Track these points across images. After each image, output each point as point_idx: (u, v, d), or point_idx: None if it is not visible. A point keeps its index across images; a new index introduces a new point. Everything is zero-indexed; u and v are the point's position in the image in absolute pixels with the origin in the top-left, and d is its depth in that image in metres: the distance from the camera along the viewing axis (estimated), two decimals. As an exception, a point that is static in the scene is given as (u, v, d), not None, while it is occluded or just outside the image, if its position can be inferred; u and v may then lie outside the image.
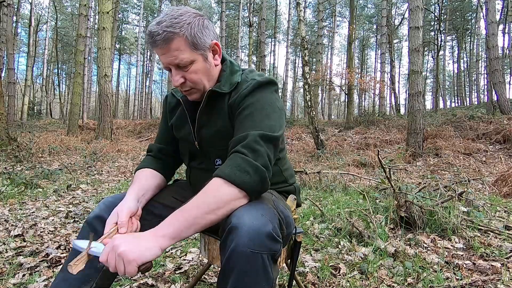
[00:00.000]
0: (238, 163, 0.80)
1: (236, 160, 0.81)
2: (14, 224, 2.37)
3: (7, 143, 5.95)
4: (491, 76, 9.54)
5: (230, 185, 0.78)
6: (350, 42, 14.71)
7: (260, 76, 0.99)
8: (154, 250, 0.72)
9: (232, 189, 0.78)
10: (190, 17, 0.90)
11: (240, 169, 0.79)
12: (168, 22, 0.87)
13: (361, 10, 28.20)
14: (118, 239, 0.72)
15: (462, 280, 1.52)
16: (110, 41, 9.49)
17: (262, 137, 0.85)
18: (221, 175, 0.79)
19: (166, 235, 0.73)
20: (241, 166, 0.80)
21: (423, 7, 7.23)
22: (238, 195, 0.78)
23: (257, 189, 0.81)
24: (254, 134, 0.85)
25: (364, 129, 10.64)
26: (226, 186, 0.78)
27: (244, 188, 0.78)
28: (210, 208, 0.76)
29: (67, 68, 31.15)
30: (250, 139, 0.84)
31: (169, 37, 0.87)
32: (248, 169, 0.80)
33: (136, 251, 0.70)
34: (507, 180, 3.87)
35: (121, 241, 0.72)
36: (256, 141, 0.84)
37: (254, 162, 0.81)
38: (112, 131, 9.69)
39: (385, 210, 2.56)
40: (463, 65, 28.24)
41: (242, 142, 0.85)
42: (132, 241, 0.72)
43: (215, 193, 0.78)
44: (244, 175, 0.79)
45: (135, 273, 0.70)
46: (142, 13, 25.93)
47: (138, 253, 0.70)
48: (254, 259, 0.69)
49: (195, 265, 1.78)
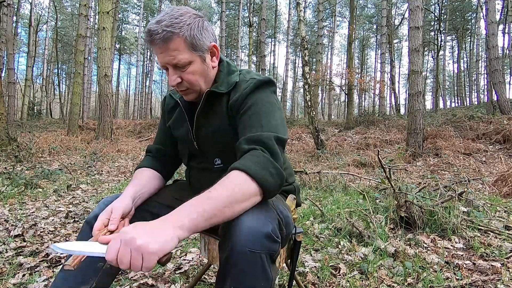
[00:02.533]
0: (263, 162, 0.79)
1: (259, 158, 0.80)
2: (14, 224, 2.37)
3: (7, 143, 5.95)
4: (491, 76, 9.54)
5: (253, 181, 0.75)
6: (350, 42, 14.70)
7: (258, 75, 1.00)
8: (174, 241, 0.66)
9: (254, 186, 0.75)
10: (190, 18, 0.90)
11: (264, 168, 0.77)
12: (168, 22, 0.86)
13: (361, 10, 28.21)
14: (131, 231, 0.65)
15: (462, 280, 1.52)
16: (110, 41, 9.49)
17: (276, 139, 0.85)
18: (245, 170, 0.75)
19: (184, 226, 0.67)
20: (266, 166, 0.78)
21: (423, 7, 7.24)
22: (257, 193, 0.76)
23: (275, 191, 0.80)
24: (268, 136, 0.84)
25: (364, 129, 10.65)
26: (250, 182, 0.75)
27: (265, 188, 0.76)
28: (231, 201, 0.71)
29: (67, 68, 31.15)
30: (266, 140, 0.83)
31: (168, 37, 0.87)
32: (272, 170, 0.79)
33: (158, 242, 0.63)
34: (507, 180, 3.87)
35: (137, 232, 0.64)
36: (272, 143, 0.84)
37: (276, 163, 0.80)
38: (112, 131, 9.69)
39: (385, 210, 2.56)
40: (463, 65, 28.24)
41: (257, 141, 0.84)
42: (148, 232, 0.64)
43: (239, 186, 0.73)
44: (268, 175, 0.77)
45: (153, 266, 0.64)
46: (142, 13, 25.93)
47: (160, 244, 0.63)
48: (253, 259, 0.69)
49: (195, 265, 1.78)
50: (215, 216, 0.70)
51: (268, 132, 0.86)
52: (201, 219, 0.68)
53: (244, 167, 0.76)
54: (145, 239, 0.63)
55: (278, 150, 0.84)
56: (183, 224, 0.67)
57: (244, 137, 0.87)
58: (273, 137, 0.85)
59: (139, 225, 0.67)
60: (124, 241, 0.64)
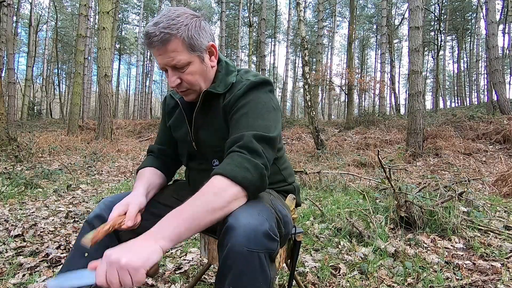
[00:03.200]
0: (238, 161, 0.80)
1: (235, 159, 0.81)
2: (14, 224, 2.37)
3: (7, 143, 5.95)
4: (491, 76, 9.55)
5: (231, 182, 0.76)
6: (350, 42, 14.70)
7: (255, 76, 0.99)
8: (158, 252, 0.68)
9: (233, 188, 0.76)
10: (187, 19, 0.90)
11: (240, 166, 0.79)
12: (165, 23, 0.86)
13: (361, 10, 28.22)
14: (113, 253, 0.67)
15: (462, 280, 1.52)
16: (110, 41, 9.49)
17: (257, 137, 0.85)
18: (221, 172, 0.78)
19: (166, 237, 0.70)
20: (241, 164, 0.79)
21: (423, 7, 7.24)
22: (239, 194, 0.77)
23: (257, 186, 0.80)
24: (249, 135, 0.85)
25: (364, 129, 10.65)
26: (228, 184, 0.76)
27: (245, 185, 0.77)
28: (211, 208, 0.73)
29: (67, 68, 31.15)
30: (246, 139, 0.84)
31: (166, 38, 0.86)
32: (248, 166, 0.79)
33: (141, 256, 0.66)
34: (507, 180, 3.87)
35: (119, 253, 0.66)
36: (252, 141, 0.84)
37: (253, 160, 0.81)
38: (112, 131, 9.69)
39: (385, 210, 2.56)
40: (463, 65, 28.24)
41: (238, 142, 0.84)
42: (131, 249, 0.67)
43: (216, 191, 0.75)
44: (244, 171, 0.78)
45: (144, 280, 0.66)
46: (142, 13, 25.95)
47: (143, 258, 0.66)
48: (251, 258, 0.69)
49: (195, 265, 1.78)
50: (198, 224, 0.73)
51: (250, 131, 0.86)
52: (183, 228, 0.71)
53: (221, 170, 0.78)
54: (128, 257, 0.65)
55: (258, 147, 0.84)
56: (165, 235, 0.70)
57: (229, 139, 0.88)
58: (253, 135, 0.85)
59: (122, 245, 0.69)
60: (109, 263, 0.66)
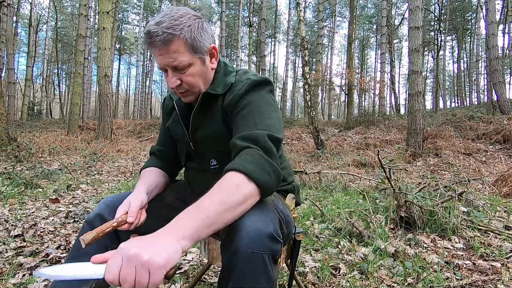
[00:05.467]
0: (259, 161, 0.78)
1: (254, 156, 0.78)
2: (14, 224, 2.36)
3: (7, 143, 5.94)
4: (491, 76, 9.54)
5: (250, 181, 0.74)
6: (350, 42, 14.69)
7: (255, 76, 0.99)
8: (179, 252, 0.62)
9: (252, 186, 0.74)
10: (190, 20, 0.89)
11: (261, 168, 0.76)
12: (168, 23, 0.85)
13: (361, 10, 28.22)
14: (132, 247, 0.59)
15: (462, 280, 1.52)
16: (110, 41, 9.49)
17: (270, 137, 0.84)
18: (242, 170, 0.74)
19: (187, 236, 0.64)
20: (263, 165, 0.77)
21: (423, 7, 7.24)
22: (256, 193, 0.75)
23: (272, 190, 0.79)
24: (262, 134, 0.83)
25: (364, 129, 10.65)
26: (247, 182, 0.73)
27: (263, 187, 0.75)
28: (231, 205, 0.70)
29: (67, 68, 31.16)
30: (260, 138, 0.82)
31: (168, 39, 0.85)
32: (269, 169, 0.78)
33: (163, 255, 0.59)
34: (507, 180, 3.87)
35: (139, 248, 0.59)
36: (266, 141, 0.83)
37: (273, 162, 0.80)
38: (112, 131, 9.69)
39: (385, 210, 2.56)
40: (463, 65, 28.24)
41: (251, 139, 0.83)
42: (151, 246, 0.60)
43: (237, 189, 0.72)
44: (265, 174, 0.76)
45: (160, 282, 0.60)
46: (142, 13, 25.94)
47: (166, 257, 0.59)
48: (255, 259, 0.69)
49: (195, 265, 1.78)
50: (217, 222, 0.68)
51: (262, 130, 0.85)
52: (202, 226, 0.66)
53: (241, 168, 0.74)
54: (150, 254, 0.58)
55: (272, 147, 0.83)
56: (185, 233, 0.64)
57: (237, 134, 0.86)
58: (267, 135, 0.84)
59: (139, 239, 0.63)
60: (127, 258, 0.58)
